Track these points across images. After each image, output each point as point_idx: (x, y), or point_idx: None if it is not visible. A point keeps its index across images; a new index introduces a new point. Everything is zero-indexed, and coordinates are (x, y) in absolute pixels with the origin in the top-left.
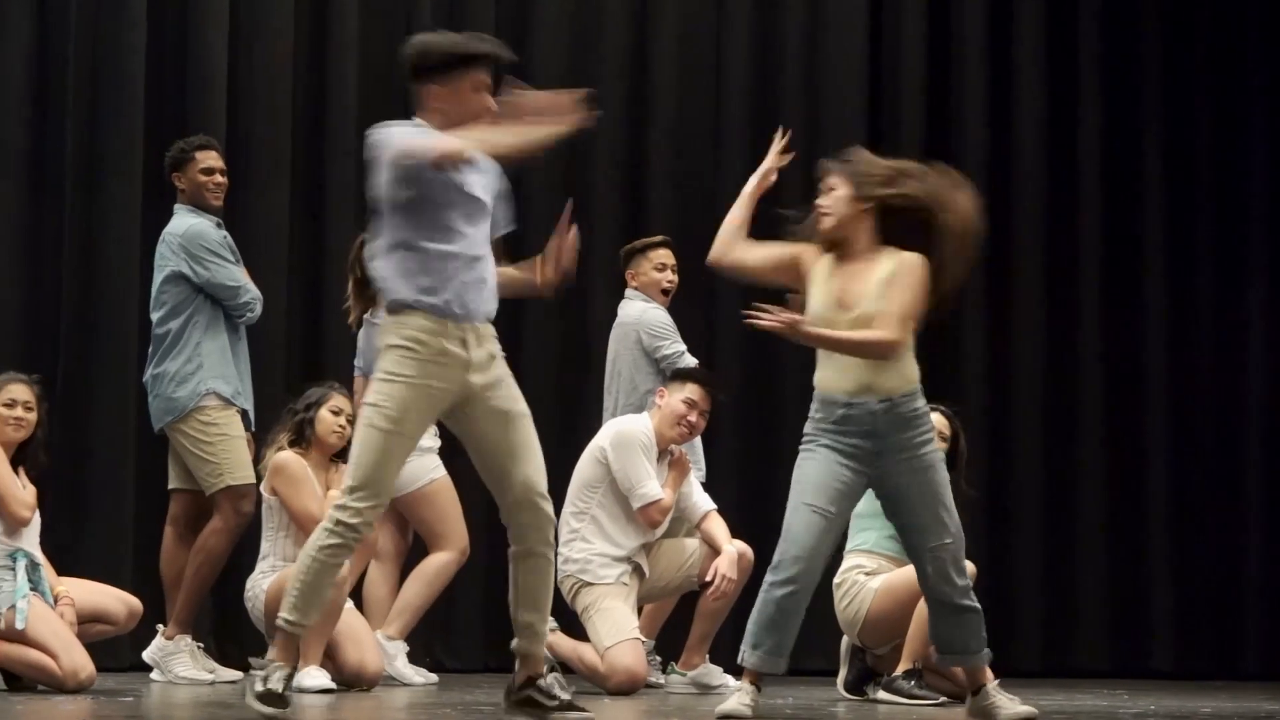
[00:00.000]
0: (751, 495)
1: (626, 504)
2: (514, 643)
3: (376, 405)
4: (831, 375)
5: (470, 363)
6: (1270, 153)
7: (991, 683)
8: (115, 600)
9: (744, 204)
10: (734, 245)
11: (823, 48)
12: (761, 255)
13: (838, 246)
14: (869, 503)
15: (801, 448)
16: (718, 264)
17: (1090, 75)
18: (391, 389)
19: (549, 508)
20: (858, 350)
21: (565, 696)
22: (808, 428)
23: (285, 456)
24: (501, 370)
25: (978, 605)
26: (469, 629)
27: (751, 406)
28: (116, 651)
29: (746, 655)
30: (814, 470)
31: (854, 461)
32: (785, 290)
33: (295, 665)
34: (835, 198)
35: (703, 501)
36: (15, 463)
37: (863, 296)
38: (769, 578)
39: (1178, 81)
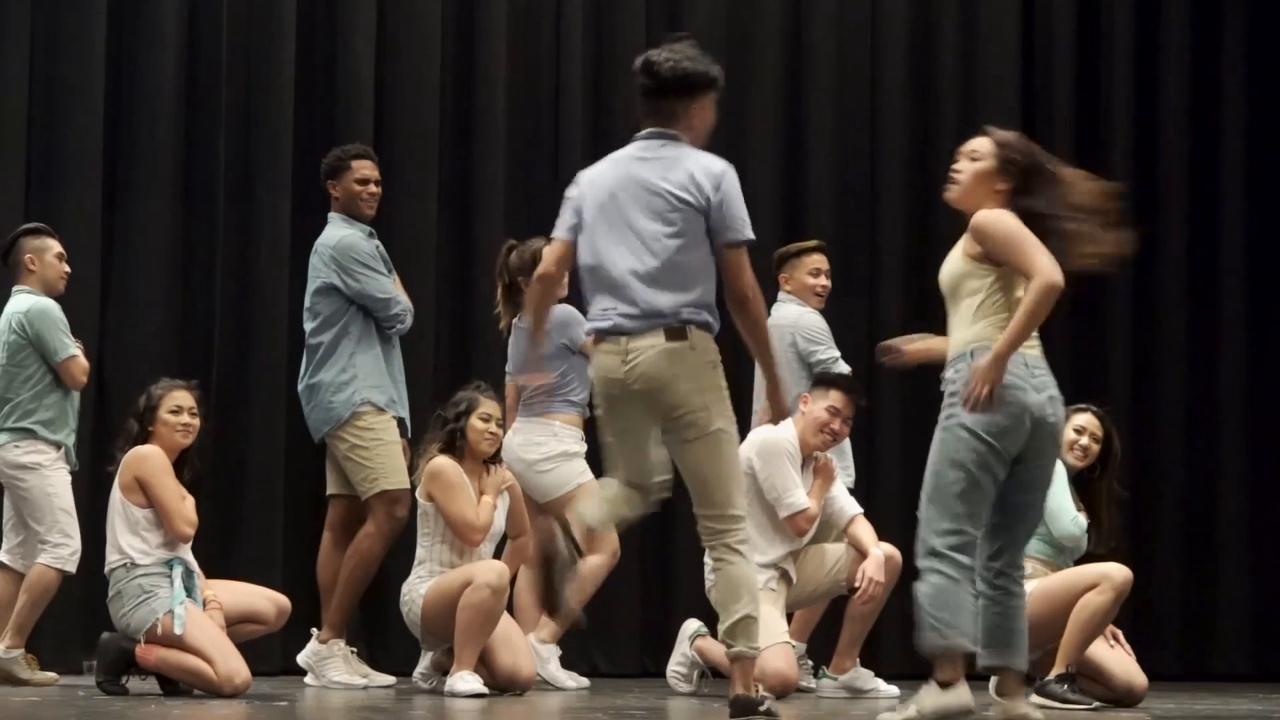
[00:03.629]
0: (914, 498)
1: (773, 512)
2: None
3: None
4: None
5: None
6: None
7: None
8: (264, 599)
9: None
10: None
11: (977, 54)
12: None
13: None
14: None
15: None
16: None
17: (1234, 71)
18: None
19: None
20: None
21: None
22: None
23: (441, 462)
24: None
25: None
26: (624, 633)
27: (913, 408)
28: (269, 655)
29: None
30: None
31: None
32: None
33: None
34: (971, 169)
35: (849, 506)
36: (175, 468)
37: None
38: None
39: None
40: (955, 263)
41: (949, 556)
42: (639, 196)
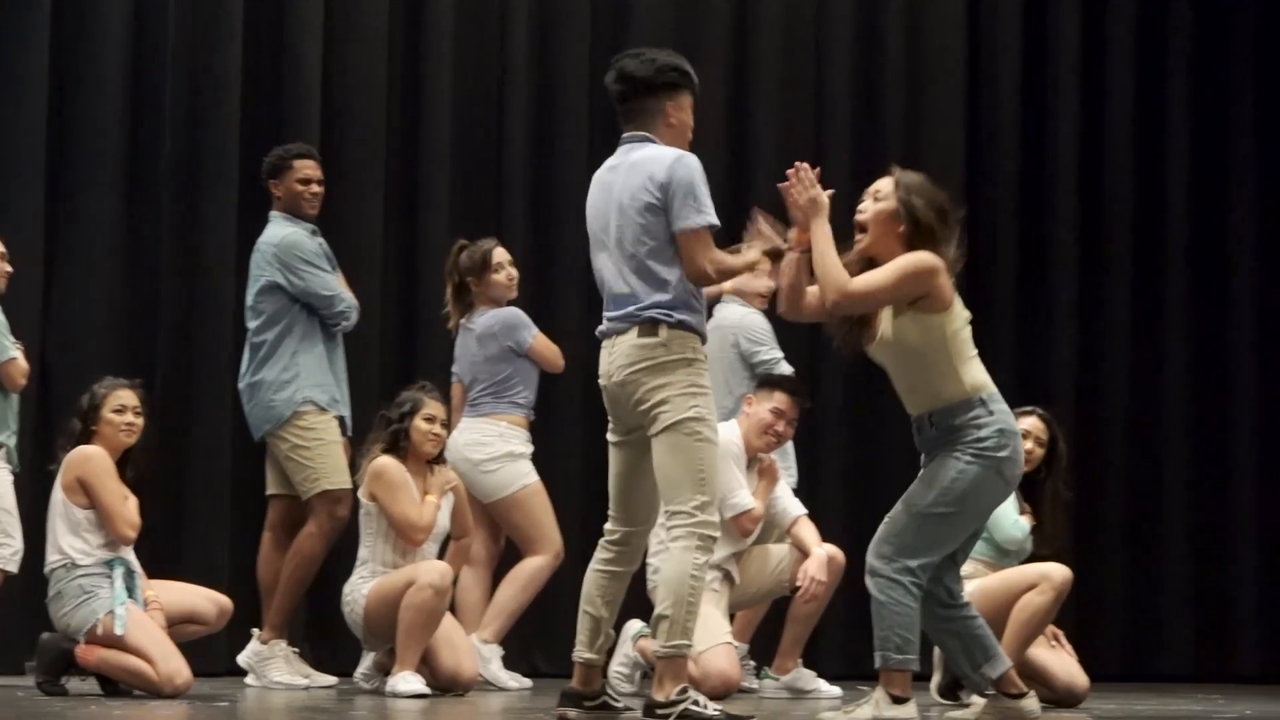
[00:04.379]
0: (857, 499)
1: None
2: None
3: None
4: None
5: None
6: None
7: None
8: (205, 600)
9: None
10: (796, 303)
11: (920, 64)
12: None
13: (873, 262)
14: None
15: None
16: (789, 317)
17: (1179, 73)
18: None
19: None
20: (822, 275)
21: None
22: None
23: (384, 462)
24: None
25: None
26: (565, 633)
27: (855, 411)
28: (214, 656)
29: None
30: None
31: None
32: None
33: None
34: (873, 210)
35: (792, 506)
36: (118, 467)
37: (880, 328)
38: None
39: (1268, 79)
40: (903, 323)
41: (919, 578)
42: (610, 206)
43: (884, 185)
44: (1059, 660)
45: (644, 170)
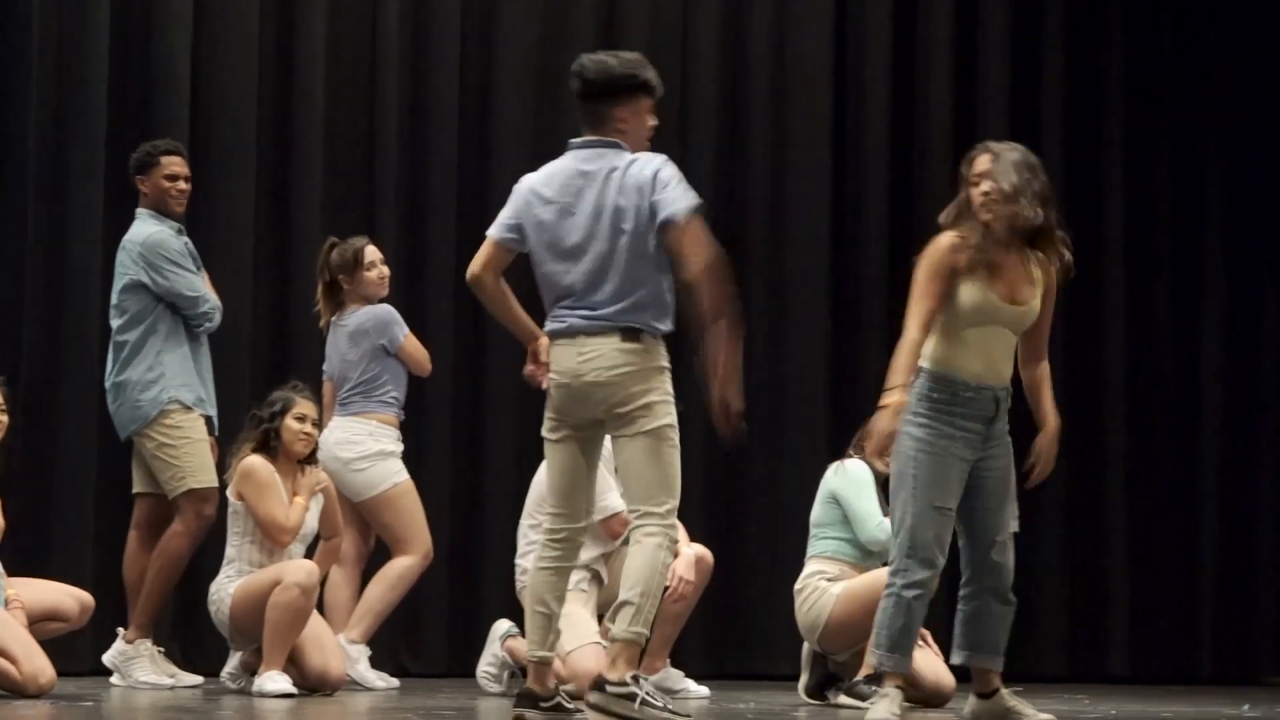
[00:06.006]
0: (718, 500)
1: None
2: None
3: None
4: (960, 356)
5: None
6: (1228, 165)
7: (1004, 688)
8: (66, 596)
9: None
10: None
11: (787, 54)
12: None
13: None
14: (830, 510)
15: (914, 431)
16: None
17: (1053, 78)
18: None
19: None
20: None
21: None
22: (921, 407)
23: (253, 462)
24: None
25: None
26: (433, 633)
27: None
28: (79, 655)
29: (888, 660)
30: (936, 468)
31: (967, 449)
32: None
33: None
34: (998, 191)
35: None
36: None
37: (1030, 296)
38: (899, 580)
39: (1139, 90)
40: (1036, 301)
41: None
42: (584, 208)
43: (987, 168)
44: (926, 660)
45: (629, 177)
